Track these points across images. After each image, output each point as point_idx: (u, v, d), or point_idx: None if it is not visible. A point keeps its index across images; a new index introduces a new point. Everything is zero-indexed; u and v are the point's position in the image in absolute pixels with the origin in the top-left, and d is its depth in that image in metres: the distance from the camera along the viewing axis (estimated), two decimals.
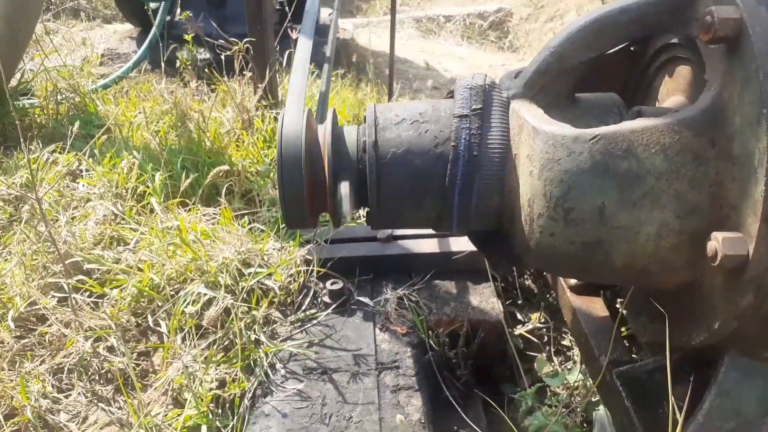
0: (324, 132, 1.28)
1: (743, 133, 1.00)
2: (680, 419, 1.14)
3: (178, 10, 5.26)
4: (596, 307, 1.67)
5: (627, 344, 1.59)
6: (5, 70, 3.39)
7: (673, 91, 1.35)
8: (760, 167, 0.96)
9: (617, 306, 1.71)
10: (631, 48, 1.42)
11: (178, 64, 3.79)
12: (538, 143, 1.10)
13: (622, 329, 1.64)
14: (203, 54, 4.47)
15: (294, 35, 3.46)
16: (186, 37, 3.78)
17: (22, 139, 1.98)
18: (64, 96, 3.59)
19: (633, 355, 1.66)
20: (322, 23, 5.91)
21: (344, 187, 1.21)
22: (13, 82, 3.60)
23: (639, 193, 1.05)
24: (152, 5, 4.65)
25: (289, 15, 4.03)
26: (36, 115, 3.56)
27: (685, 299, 1.21)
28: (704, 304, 1.15)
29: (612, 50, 1.25)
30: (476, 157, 1.18)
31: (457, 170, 1.19)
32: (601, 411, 1.59)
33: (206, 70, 3.58)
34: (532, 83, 1.21)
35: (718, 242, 1.01)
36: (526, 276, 2.28)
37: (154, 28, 4.27)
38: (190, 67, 3.64)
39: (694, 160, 1.04)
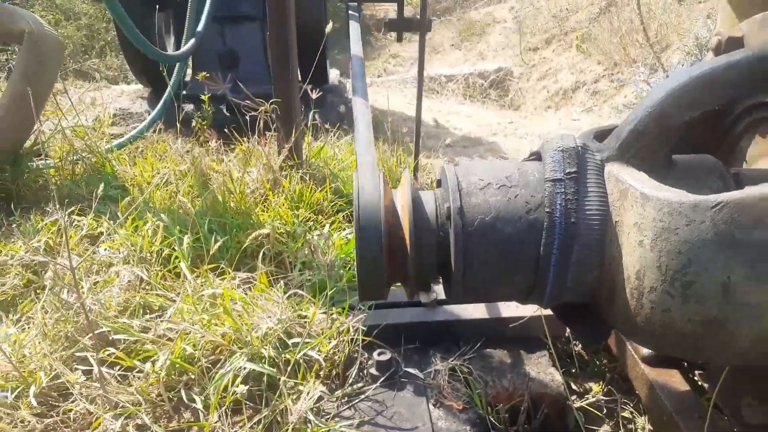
0: (403, 198, 1.20)
1: None
2: None
3: (189, 71, 5.30)
4: (675, 380, 1.56)
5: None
6: (23, 131, 3.35)
7: (762, 153, 1.29)
8: None
9: (695, 378, 1.60)
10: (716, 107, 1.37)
11: (193, 123, 3.75)
12: (650, 211, 1.03)
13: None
14: (220, 114, 4.45)
15: (314, 96, 3.44)
16: (203, 97, 3.76)
17: (55, 204, 1.88)
18: (79, 156, 3.52)
19: None
20: (331, 83, 5.96)
21: (431, 250, 1.12)
22: (28, 143, 3.54)
23: None
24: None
25: (309, 76, 4.02)
26: (51, 176, 3.48)
27: None
28: None
29: (716, 106, 1.19)
30: (574, 224, 1.10)
31: (553, 239, 1.10)
32: None
33: (225, 129, 3.54)
34: (628, 145, 1.14)
35: None
36: (577, 343, 2.17)
37: (169, 88, 4.25)
38: (207, 126, 3.61)
39: None
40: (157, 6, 4.97)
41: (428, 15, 3.12)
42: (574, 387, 2.05)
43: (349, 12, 2.75)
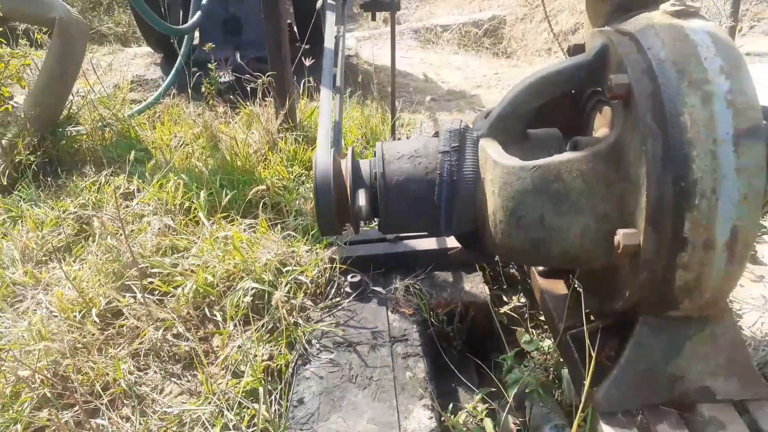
0: (346, 166, 1.77)
1: (634, 163, 1.48)
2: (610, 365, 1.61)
3: (197, 36, 5.77)
4: (558, 287, 2.15)
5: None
6: (59, 104, 3.91)
7: (601, 125, 1.83)
8: (642, 186, 1.44)
9: (576, 286, 2.19)
10: (572, 91, 1.90)
11: (203, 89, 4.29)
12: (498, 171, 1.59)
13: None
14: (225, 77, 4.96)
15: (307, 63, 3.96)
16: (210, 66, 4.27)
17: (92, 167, 2.46)
18: (107, 123, 4.09)
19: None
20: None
21: (361, 199, 1.69)
22: (64, 114, 4.11)
23: (566, 205, 1.53)
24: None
25: (306, 39, 4.49)
26: (84, 142, 4.06)
27: (608, 278, 1.69)
28: (619, 281, 1.63)
29: (553, 97, 1.73)
30: (456, 181, 1.67)
31: (442, 191, 1.67)
32: (566, 369, 2.06)
33: (231, 96, 4.08)
34: (494, 125, 1.69)
35: (620, 236, 1.49)
36: (510, 266, 2.76)
37: (180, 57, 4.76)
38: (215, 92, 4.14)
39: (604, 181, 1.52)
40: None
41: None
42: (504, 299, 2.64)
43: (327, 1, 3.20)
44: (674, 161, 1.40)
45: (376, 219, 1.91)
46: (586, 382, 1.52)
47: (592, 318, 1.94)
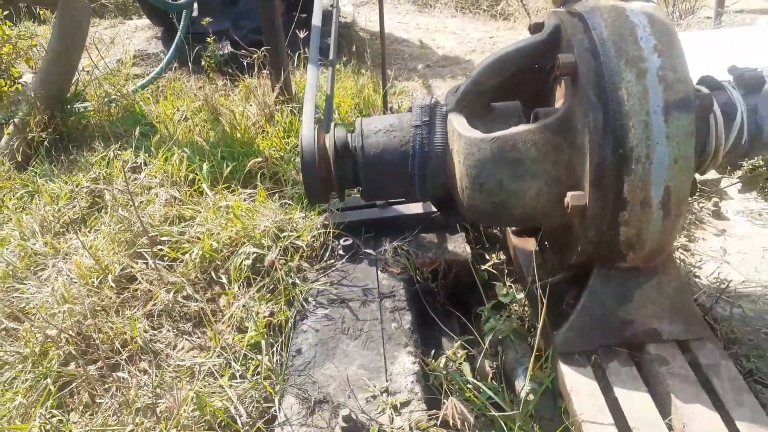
0: (329, 141, 1.97)
1: (580, 133, 1.67)
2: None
3: (196, 8, 5.88)
4: (529, 244, 2.36)
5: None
6: (66, 80, 4.10)
7: (560, 96, 2.00)
8: (587, 154, 1.63)
9: (545, 243, 2.40)
10: (536, 66, 2.07)
11: (203, 62, 4.45)
12: (462, 143, 1.78)
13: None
14: (224, 49, 5.10)
15: (302, 35, 4.10)
16: (208, 39, 4.43)
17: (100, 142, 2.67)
18: (112, 99, 4.28)
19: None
20: (324, 10, 6.48)
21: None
22: (72, 90, 4.29)
23: (521, 171, 1.72)
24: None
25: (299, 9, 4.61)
26: (91, 118, 4.26)
27: (565, 235, 1.89)
28: (573, 237, 1.84)
29: (513, 73, 1.91)
30: (427, 152, 1.87)
31: (415, 161, 1.87)
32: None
33: (229, 69, 4.24)
34: (460, 101, 1.88)
35: (569, 198, 1.69)
36: (492, 227, 2.96)
37: (179, 33, 4.90)
38: (214, 64, 4.30)
39: (555, 149, 1.71)
40: None
41: None
42: (486, 257, 2.85)
43: None
44: (613, 131, 1.59)
45: (358, 188, 2.11)
46: (539, 326, 1.74)
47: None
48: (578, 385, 1.81)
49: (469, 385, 2.08)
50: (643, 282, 1.87)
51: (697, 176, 2.04)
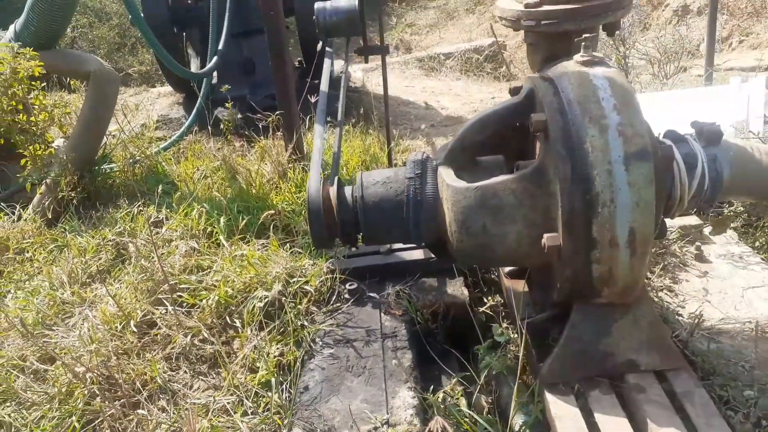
0: (333, 193, 2.21)
1: (552, 181, 1.89)
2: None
3: (215, 76, 6.29)
4: (519, 286, 2.54)
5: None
6: (95, 145, 4.42)
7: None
8: (559, 199, 1.85)
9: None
10: (517, 124, 2.31)
11: (222, 126, 4.78)
12: (450, 192, 2.01)
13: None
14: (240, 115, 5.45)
15: (313, 99, 4.42)
16: (227, 104, 4.76)
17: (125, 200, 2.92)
18: (137, 160, 4.58)
19: None
20: (336, 76, 6.90)
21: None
22: (99, 153, 4.62)
23: (502, 216, 1.94)
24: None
25: (311, 73, 4.96)
26: (117, 178, 4.56)
27: (547, 275, 2.09)
28: (553, 276, 2.03)
29: (496, 131, 2.16)
30: (420, 200, 2.10)
31: (409, 208, 2.10)
32: None
33: (246, 132, 4.56)
34: (448, 155, 2.12)
35: (545, 239, 1.89)
36: (491, 272, 3.15)
37: (200, 99, 5.27)
38: (231, 128, 4.62)
39: (531, 196, 1.93)
40: (184, 28, 5.97)
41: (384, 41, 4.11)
42: (484, 300, 3.03)
43: (326, 49, 3.66)
44: (580, 179, 1.81)
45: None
46: (520, 355, 1.92)
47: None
48: (562, 412, 1.96)
49: (466, 419, 2.23)
50: (619, 317, 2.04)
51: (669, 221, 2.24)
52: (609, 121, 1.81)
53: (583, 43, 1.96)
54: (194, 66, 6.94)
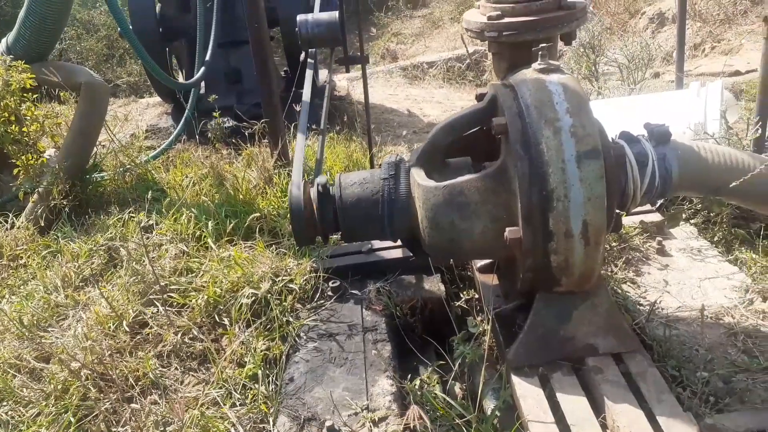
0: (314, 194, 2.38)
1: (513, 179, 2.06)
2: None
3: (203, 86, 6.44)
4: (490, 280, 2.71)
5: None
6: (86, 154, 4.55)
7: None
8: (518, 195, 2.02)
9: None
10: (483, 128, 2.48)
11: (209, 135, 4.93)
12: (420, 190, 2.18)
13: None
14: (228, 123, 5.59)
15: (297, 108, 4.58)
16: (214, 114, 4.91)
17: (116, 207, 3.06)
18: (127, 169, 4.72)
19: None
20: (320, 86, 7.07)
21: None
22: (90, 162, 4.75)
23: (468, 212, 2.11)
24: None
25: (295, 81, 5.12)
26: (108, 186, 4.69)
27: (512, 266, 2.26)
28: (517, 267, 2.20)
29: (465, 134, 2.32)
30: (393, 199, 2.27)
31: (384, 207, 2.27)
32: None
33: (233, 140, 4.72)
34: (420, 157, 2.29)
35: (507, 233, 2.06)
36: (466, 269, 3.32)
37: (188, 110, 5.42)
38: (219, 136, 4.77)
39: (494, 193, 2.10)
40: (172, 39, 6.12)
41: (365, 51, 4.29)
42: (460, 295, 3.19)
43: (307, 60, 3.83)
44: (537, 176, 1.98)
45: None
46: (486, 343, 2.08)
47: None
48: (526, 392, 2.13)
49: (441, 404, 2.39)
50: (579, 304, 2.21)
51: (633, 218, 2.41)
52: (562, 123, 1.98)
53: (540, 53, 2.13)
54: (182, 76, 7.10)
